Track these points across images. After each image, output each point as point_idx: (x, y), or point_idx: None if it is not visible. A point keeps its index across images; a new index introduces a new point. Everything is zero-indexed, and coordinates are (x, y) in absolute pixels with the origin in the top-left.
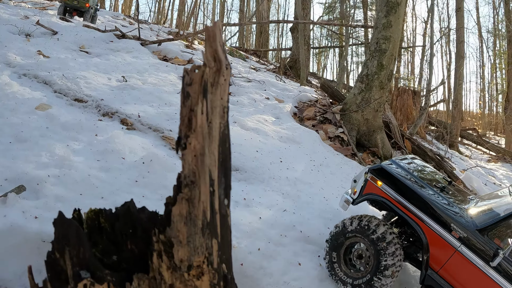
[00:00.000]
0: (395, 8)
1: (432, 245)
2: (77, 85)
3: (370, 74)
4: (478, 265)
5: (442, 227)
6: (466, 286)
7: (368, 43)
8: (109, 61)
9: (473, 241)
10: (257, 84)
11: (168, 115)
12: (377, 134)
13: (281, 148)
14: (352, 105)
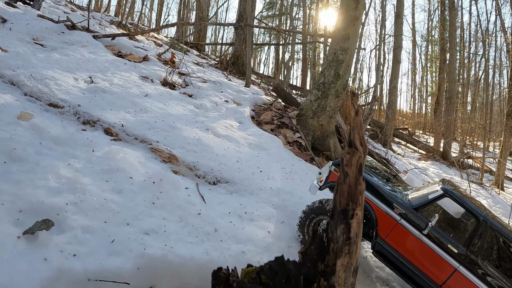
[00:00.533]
0: (353, 22)
1: (380, 219)
2: (47, 87)
3: (327, 83)
4: (413, 233)
5: (387, 205)
6: (404, 248)
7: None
8: (68, 57)
9: (410, 216)
10: (212, 85)
11: (148, 123)
12: (330, 139)
13: (255, 156)
14: (308, 111)
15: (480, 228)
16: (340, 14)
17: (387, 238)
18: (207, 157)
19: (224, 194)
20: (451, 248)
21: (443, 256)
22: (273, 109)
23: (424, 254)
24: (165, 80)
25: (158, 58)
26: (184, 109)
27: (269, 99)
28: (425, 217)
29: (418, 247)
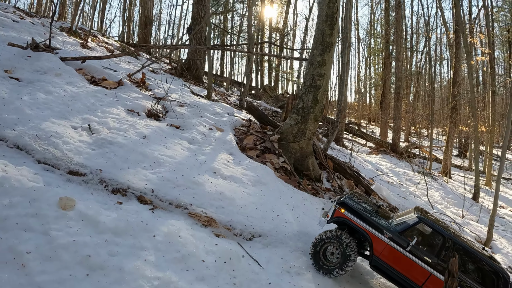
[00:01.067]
0: (329, 48)
1: (374, 243)
2: (58, 149)
3: (306, 108)
4: (399, 250)
5: (379, 232)
6: (394, 262)
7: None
8: (52, 95)
9: (396, 238)
10: (190, 109)
11: (170, 181)
12: (309, 158)
13: (262, 196)
14: (289, 134)
15: (446, 241)
16: (316, 40)
17: (381, 255)
18: (234, 211)
19: (263, 249)
20: (426, 259)
21: (421, 265)
22: (252, 132)
23: (408, 265)
24: (150, 111)
25: (130, 80)
26: (183, 148)
27: (243, 118)
28: (407, 238)
29: (403, 260)
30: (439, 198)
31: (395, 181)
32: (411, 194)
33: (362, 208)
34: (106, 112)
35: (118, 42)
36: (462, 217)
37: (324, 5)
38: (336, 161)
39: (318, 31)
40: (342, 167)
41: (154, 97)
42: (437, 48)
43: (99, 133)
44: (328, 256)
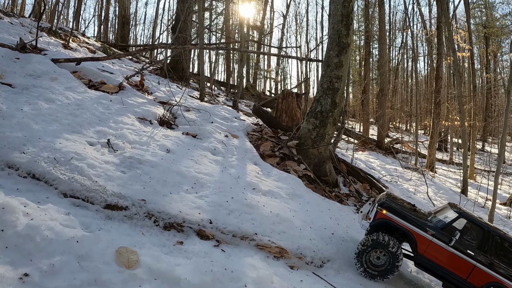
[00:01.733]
0: (346, 49)
1: (418, 241)
2: (83, 175)
3: (325, 111)
4: (443, 246)
5: (422, 230)
6: (438, 258)
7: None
8: (55, 103)
9: (438, 235)
10: (199, 114)
11: (222, 206)
12: (326, 164)
13: (306, 212)
14: (307, 140)
15: (485, 233)
16: (332, 40)
17: (425, 253)
18: (296, 235)
19: (337, 276)
20: (469, 252)
21: (465, 259)
22: (267, 137)
23: (452, 260)
24: (161, 119)
25: (129, 83)
26: (210, 161)
27: (251, 121)
28: (449, 233)
29: (447, 255)
30: (432, 194)
31: (388, 178)
32: (409, 192)
33: (402, 208)
34: (119, 123)
35: (99, 42)
36: None
37: (339, 4)
38: (349, 164)
39: (333, 32)
40: (355, 170)
41: (159, 102)
42: (414, 44)
43: (121, 149)
44: (374, 261)
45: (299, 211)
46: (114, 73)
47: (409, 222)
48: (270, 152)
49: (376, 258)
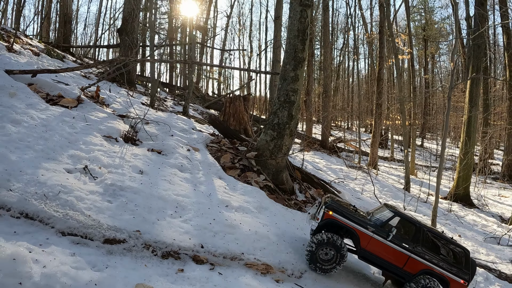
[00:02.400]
0: (302, 63)
1: (361, 237)
2: (75, 209)
3: (282, 123)
4: (382, 241)
5: (364, 228)
6: (378, 251)
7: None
8: (21, 125)
9: (378, 231)
10: (158, 127)
11: (207, 228)
12: (283, 172)
13: (275, 224)
14: (265, 151)
15: (417, 228)
16: (288, 55)
17: (367, 247)
18: (275, 249)
19: (315, 285)
20: (404, 245)
21: (401, 251)
22: (225, 148)
23: (390, 252)
24: (126, 136)
25: (85, 94)
26: (181, 179)
27: (208, 132)
28: (386, 230)
29: (386, 248)
30: (377, 192)
31: (337, 180)
32: (357, 192)
33: (345, 209)
34: (89, 143)
35: (42, 43)
36: (404, 209)
37: (295, 20)
38: (303, 171)
39: (290, 46)
40: (309, 176)
41: (118, 115)
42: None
43: (100, 176)
44: (323, 257)
45: (271, 225)
46: (69, 84)
47: (352, 221)
48: (230, 164)
49: (324, 254)
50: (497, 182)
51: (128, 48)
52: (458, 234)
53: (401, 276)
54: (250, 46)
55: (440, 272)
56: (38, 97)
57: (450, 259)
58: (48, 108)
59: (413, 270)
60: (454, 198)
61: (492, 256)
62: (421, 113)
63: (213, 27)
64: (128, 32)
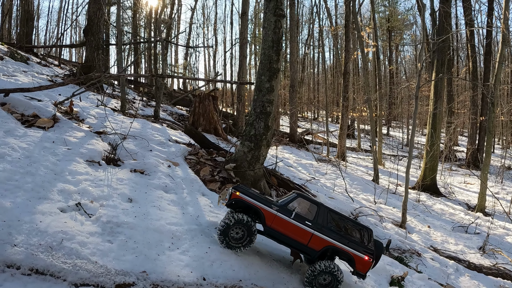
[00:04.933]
0: (276, 74)
1: (266, 215)
2: (81, 257)
3: (258, 134)
4: (286, 219)
5: (268, 206)
6: (282, 228)
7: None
8: (4, 159)
9: (281, 210)
10: (135, 142)
11: (204, 258)
12: (261, 181)
13: (262, 241)
14: (243, 162)
15: (320, 209)
16: (263, 66)
17: (272, 225)
18: (268, 271)
19: None
20: (307, 223)
21: (304, 228)
22: (204, 160)
23: (294, 229)
24: (107, 158)
25: (59, 110)
26: (168, 203)
27: (183, 142)
28: (290, 209)
29: (290, 226)
30: (348, 186)
31: (308, 177)
32: (328, 189)
33: (252, 192)
34: (74, 173)
35: (4, 45)
36: (374, 203)
37: (269, 30)
38: (279, 176)
39: (264, 57)
40: (285, 182)
41: (95, 132)
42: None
43: (94, 212)
44: (234, 236)
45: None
46: (42, 99)
47: (257, 201)
48: (210, 177)
49: (235, 233)
50: (462, 169)
51: (94, 48)
52: (428, 225)
53: (307, 252)
54: (216, 40)
55: (343, 248)
56: (14, 120)
57: (353, 237)
58: (26, 133)
59: (317, 246)
60: (422, 188)
61: (461, 245)
62: (386, 103)
63: (177, 20)
64: (94, 32)
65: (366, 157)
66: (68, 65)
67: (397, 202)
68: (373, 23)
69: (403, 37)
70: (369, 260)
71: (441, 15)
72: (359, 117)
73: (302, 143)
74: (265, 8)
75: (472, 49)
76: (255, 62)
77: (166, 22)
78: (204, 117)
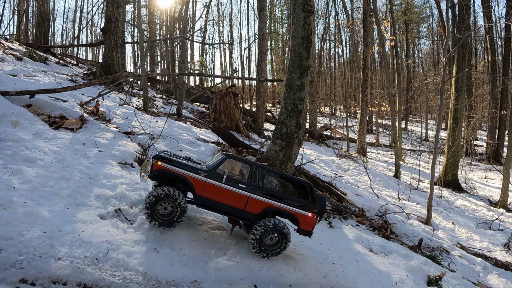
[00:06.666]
0: (307, 71)
1: (194, 184)
2: (129, 269)
3: (290, 133)
4: (216, 184)
5: (196, 173)
6: (214, 195)
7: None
8: (36, 164)
9: (210, 175)
10: (165, 142)
11: (251, 263)
12: None
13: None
14: (275, 160)
15: (253, 169)
16: (294, 63)
17: (202, 193)
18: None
19: None
20: (241, 186)
21: (239, 192)
22: None
23: (227, 195)
24: (139, 159)
25: (86, 112)
26: None
27: (212, 141)
28: (220, 173)
29: (222, 192)
30: (369, 182)
31: (331, 173)
32: (353, 185)
33: (177, 158)
34: (109, 177)
35: (23, 46)
36: (398, 200)
37: (299, 27)
38: (308, 174)
39: (294, 54)
40: (314, 179)
41: (124, 133)
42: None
43: (135, 218)
44: (161, 211)
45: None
46: (67, 100)
47: (183, 169)
48: None
49: (163, 209)
50: (482, 164)
51: (113, 47)
52: (452, 222)
53: (246, 218)
54: (231, 36)
55: (285, 208)
56: (41, 122)
57: (293, 195)
58: (55, 136)
59: (255, 209)
60: (444, 183)
61: (485, 242)
62: (405, 98)
63: (193, 17)
64: (112, 31)
65: (385, 152)
66: (86, 64)
67: (420, 198)
68: (390, 16)
69: (419, 30)
70: (313, 217)
71: (460, 7)
72: (377, 112)
73: (321, 138)
74: (294, 4)
75: (491, 42)
76: (271, 58)
77: (182, 19)
78: (225, 114)
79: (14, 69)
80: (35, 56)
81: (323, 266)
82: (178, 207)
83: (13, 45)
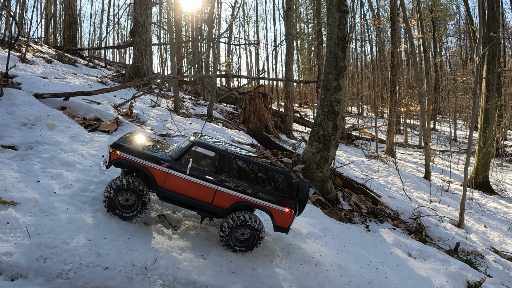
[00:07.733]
0: (343, 72)
1: (156, 175)
2: (178, 277)
3: (327, 135)
4: (180, 176)
5: (157, 164)
6: (178, 188)
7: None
8: (75, 168)
9: (174, 166)
10: None
11: (298, 270)
12: (328, 183)
13: (344, 248)
14: (312, 163)
15: (223, 158)
16: (330, 64)
17: (165, 185)
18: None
19: None
20: (208, 177)
21: (205, 185)
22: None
23: (193, 188)
24: None
25: (120, 114)
26: None
27: (246, 143)
28: (185, 163)
29: (187, 184)
30: (400, 184)
31: (362, 175)
32: (383, 187)
33: (139, 146)
34: None
35: (52, 48)
36: (430, 202)
37: (334, 27)
38: (343, 177)
39: (330, 55)
40: (349, 182)
41: (159, 135)
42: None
43: (179, 224)
44: (123, 203)
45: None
46: (101, 102)
47: (143, 159)
48: None
49: (125, 200)
50: None
51: (142, 49)
52: (484, 224)
53: (214, 213)
54: (257, 37)
55: (257, 203)
56: (77, 125)
57: (269, 187)
58: (92, 138)
59: (224, 204)
60: (474, 185)
61: None
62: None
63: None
64: (141, 33)
65: (414, 152)
66: (114, 66)
67: (451, 200)
68: (418, 14)
69: (446, 28)
70: (291, 212)
71: (490, 4)
72: (406, 112)
73: (350, 139)
74: (328, 4)
75: None
76: (297, 57)
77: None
78: (255, 114)
79: (44, 72)
80: (64, 59)
81: (367, 272)
82: (140, 201)
83: (42, 48)
